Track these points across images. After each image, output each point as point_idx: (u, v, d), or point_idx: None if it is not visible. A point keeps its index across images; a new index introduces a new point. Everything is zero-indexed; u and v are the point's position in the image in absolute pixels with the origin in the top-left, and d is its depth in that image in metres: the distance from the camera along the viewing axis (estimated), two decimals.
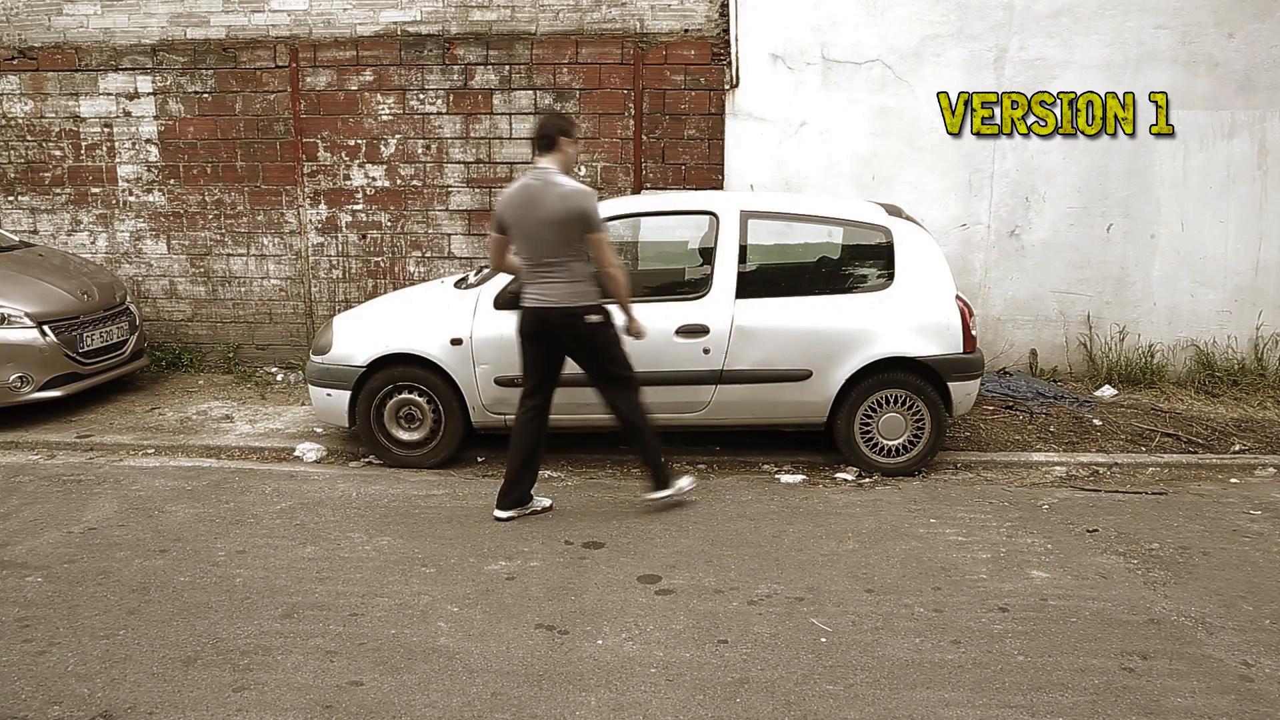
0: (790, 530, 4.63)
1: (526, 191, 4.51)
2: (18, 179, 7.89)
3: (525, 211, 4.49)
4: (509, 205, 4.55)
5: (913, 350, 5.33)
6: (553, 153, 4.56)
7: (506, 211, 4.55)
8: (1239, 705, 3.14)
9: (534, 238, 4.50)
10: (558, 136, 4.55)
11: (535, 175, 4.55)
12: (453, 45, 7.44)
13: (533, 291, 4.58)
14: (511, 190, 4.58)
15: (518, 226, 4.53)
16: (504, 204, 4.57)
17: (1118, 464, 5.68)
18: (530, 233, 4.50)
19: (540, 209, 4.45)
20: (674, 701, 3.15)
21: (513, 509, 4.76)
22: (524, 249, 4.56)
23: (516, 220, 4.53)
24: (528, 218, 4.49)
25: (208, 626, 3.64)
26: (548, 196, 4.45)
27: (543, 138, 4.58)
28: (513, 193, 4.56)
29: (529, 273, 4.59)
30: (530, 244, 4.53)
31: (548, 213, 4.44)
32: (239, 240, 7.85)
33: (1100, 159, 7.21)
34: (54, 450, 5.94)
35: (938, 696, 3.18)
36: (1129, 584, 4.04)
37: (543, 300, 4.55)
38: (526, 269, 4.60)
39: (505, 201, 4.57)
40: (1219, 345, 7.32)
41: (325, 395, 5.59)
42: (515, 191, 4.55)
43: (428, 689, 3.22)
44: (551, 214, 4.44)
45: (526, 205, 4.49)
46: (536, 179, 4.53)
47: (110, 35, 7.61)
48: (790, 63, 7.28)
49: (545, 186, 4.47)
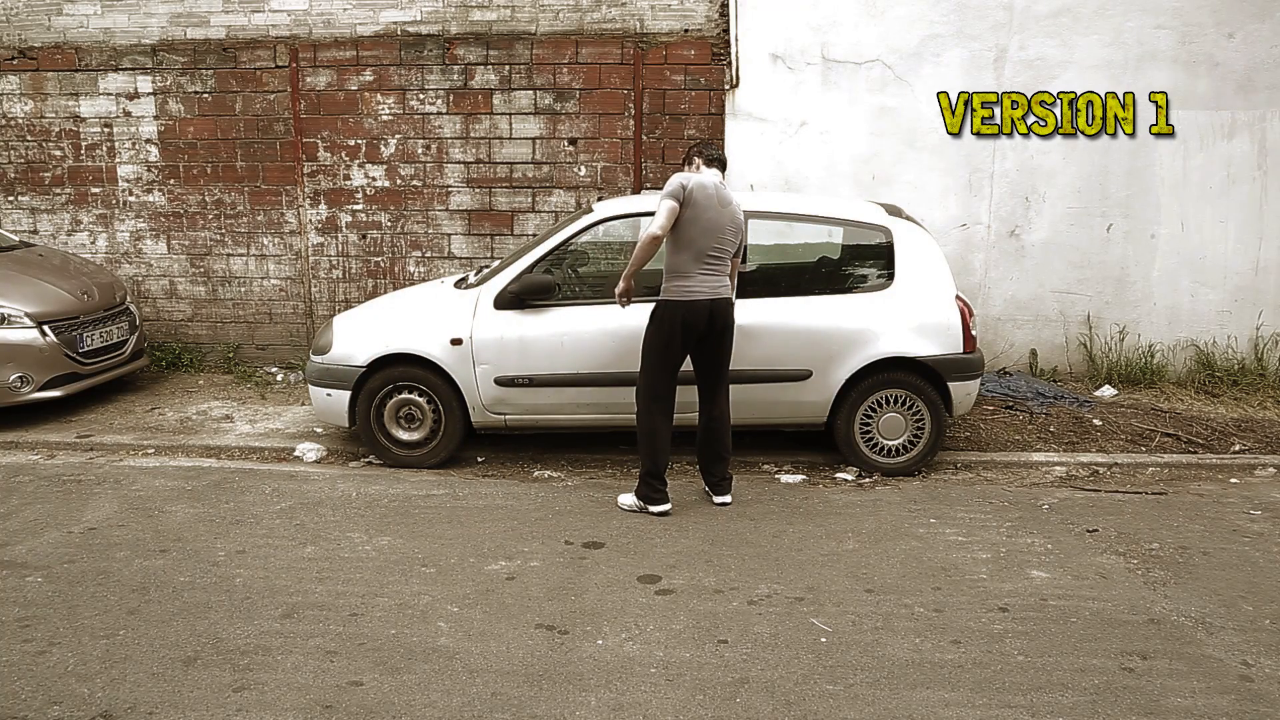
0: (790, 530, 4.63)
1: (720, 190, 4.71)
2: (18, 179, 7.90)
3: (720, 207, 4.67)
4: (703, 192, 4.63)
5: (913, 350, 5.33)
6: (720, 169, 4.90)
7: (700, 196, 4.61)
8: (1239, 705, 3.14)
9: (721, 235, 4.68)
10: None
11: (716, 177, 4.80)
12: (453, 45, 7.44)
13: (710, 282, 4.70)
14: (705, 181, 4.67)
15: (706, 217, 4.62)
16: (698, 190, 4.63)
17: (1118, 464, 5.68)
18: (720, 228, 4.65)
19: (729, 207, 4.72)
20: (674, 701, 3.15)
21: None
22: (707, 241, 4.64)
23: (708, 207, 4.62)
24: (723, 214, 4.68)
25: (208, 626, 3.64)
26: (733, 203, 4.77)
27: (721, 160, 4.90)
28: (707, 184, 4.66)
29: (707, 265, 4.68)
30: (714, 238, 4.65)
31: (735, 214, 4.75)
32: (239, 240, 7.86)
33: (1100, 159, 7.21)
34: (54, 450, 5.94)
35: (938, 696, 3.18)
36: (1129, 584, 4.04)
37: (720, 291, 4.73)
38: (704, 261, 4.68)
39: (699, 189, 4.62)
40: (1219, 345, 7.32)
41: (325, 395, 5.59)
42: (708, 183, 4.67)
43: (428, 689, 3.22)
44: (736, 217, 4.75)
45: (722, 202, 4.68)
46: (721, 182, 4.79)
47: (110, 35, 7.62)
48: (790, 63, 7.28)
49: (728, 193, 4.79)
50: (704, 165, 4.84)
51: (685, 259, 4.63)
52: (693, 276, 4.64)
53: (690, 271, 4.64)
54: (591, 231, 5.59)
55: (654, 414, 4.78)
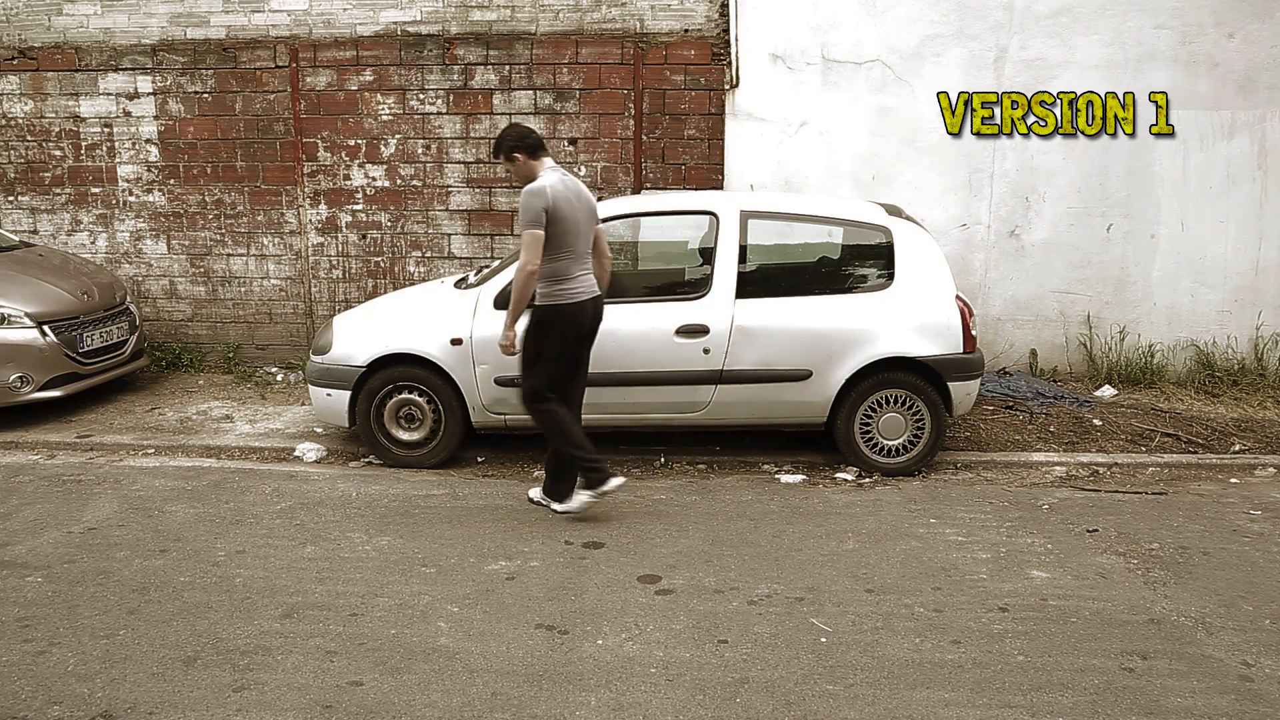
0: (790, 530, 4.63)
1: (570, 184, 4.60)
2: (18, 179, 7.89)
3: (577, 204, 4.57)
4: (562, 197, 4.51)
5: (913, 350, 5.33)
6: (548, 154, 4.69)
7: (562, 204, 4.50)
8: (1239, 705, 3.14)
9: (584, 231, 4.62)
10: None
11: (559, 169, 4.65)
12: (453, 45, 7.44)
13: (586, 281, 4.65)
14: (556, 182, 4.53)
15: (570, 219, 4.53)
16: (557, 195, 4.48)
17: (1118, 464, 5.68)
18: (582, 227, 4.60)
19: (581, 196, 4.61)
20: (674, 701, 3.15)
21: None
22: (577, 240, 4.58)
23: (570, 213, 4.53)
24: (579, 210, 4.58)
25: (208, 626, 3.64)
26: (583, 189, 4.65)
27: (541, 143, 4.65)
28: (559, 184, 4.53)
29: (578, 263, 4.62)
30: (581, 237, 4.60)
31: (588, 201, 4.65)
32: (239, 240, 7.85)
33: (1100, 159, 7.21)
34: (54, 450, 5.94)
35: (938, 696, 3.18)
36: (1129, 584, 4.04)
37: (595, 289, 4.70)
38: (575, 260, 4.61)
39: (556, 193, 4.49)
40: (1219, 345, 7.32)
41: (325, 395, 5.59)
42: (560, 183, 4.54)
43: (428, 689, 3.22)
44: (590, 204, 4.64)
45: (577, 198, 4.59)
46: (565, 172, 4.64)
47: (110, 35, 7.61)
48: (790, 63, 7.28)
49: (572, 180, 4.64)
50: (543, 160, 4.62)
51: (565, 263, 4.57)
52: (575, 278, 4.61)
53: (572, 273, 4.60)
54: None
55: (550, 411, 4.70)
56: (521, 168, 4.62)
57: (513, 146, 4.61)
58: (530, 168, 4.59)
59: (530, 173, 4.58)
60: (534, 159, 4.61)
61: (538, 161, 4.61)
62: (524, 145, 4.61)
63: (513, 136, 4.64)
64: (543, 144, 4.67)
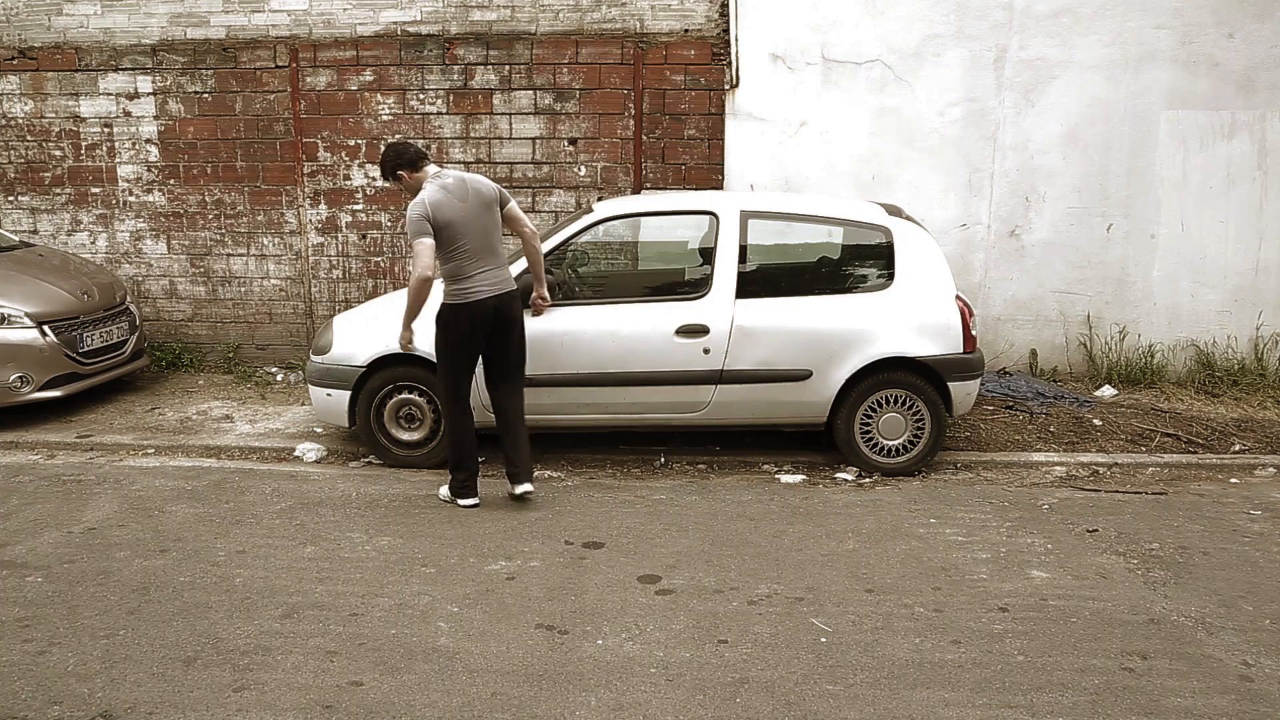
0: (790, 530, 4.63)
1: (455, 185, 4.65)
2: (18, 179, 7.89)
3: (464, 203, 4.64)
4: (445, 203, 4.60)
5: (913, 350, 5.33)
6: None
7: (445, 209, 4.59)
8: (1239, 705, 3.14)
9: (477, 227, 4.66)
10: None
11: (446, 171, 4.74)
12: (453, 45, 7.44)
13: (486, 279, 4.70)
14: (436, 189, 4.62)
15: (458, 221, 4.61)
16: (435, 202, 4.58)
17: (1118, 464, 5.68)
18: (474, 224, 4.65)
19: (471, 191, 4.68)
20: (674, 701, 3.15)
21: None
22: (473, 239, 4.65)
23: (455, 214, 4.61)
24: (470, 207, 4.65)
25: (208, 626, 3.64)
26: (468, 181, 4.71)
27: (420, 154, 4.76)
28: (438, 191, 4.61)
29: (475, 262, 4.67)
30: (473, 235, 4.65)
31: (481, 191, 4.71)
32: (239, 240, 7.85)
33: (1100, 159, 7.21)
34: (54, 450, 5.94)
35: (938, 696, 3.18)
36: (1129, 584, 4.04)
37: (503, 287, 4.74)
38: (472, 259, 4.67)
39: (434, 200, 4.58)
40: (1219, 345, 7.32)
41: (325, 395, 5.59)
42: (440, 189, 4.61)
43: (428, 689, 3.22)
44: (483, 194, 4.70)
45: (463, 197, 4.65)
46: (457, 172, 4.74)
47: (110, 35, 7.61)
48: (790, 63, 7.28)
49: (459, 177, 4.72)
50: (426, 169, 4.72)
51: (459, 263, 4.64)
52: (472, 277, 4.66)
53: (469, 272, 4.65)
54: (591, 232, 5.58)
55: (456, 415, 4.88)
56: (409, 183, 4.74)
57: (394, 166, 4.74)
58: (416, 180, 4.72)
59: (418, 185, 4.70)
60: (416, 171, 4.73)
61: (420, 173, 4.72)
62: (403, 161, 4.73)
63: (390, 157, 4.75)
64: (423, 154, 4.77)
